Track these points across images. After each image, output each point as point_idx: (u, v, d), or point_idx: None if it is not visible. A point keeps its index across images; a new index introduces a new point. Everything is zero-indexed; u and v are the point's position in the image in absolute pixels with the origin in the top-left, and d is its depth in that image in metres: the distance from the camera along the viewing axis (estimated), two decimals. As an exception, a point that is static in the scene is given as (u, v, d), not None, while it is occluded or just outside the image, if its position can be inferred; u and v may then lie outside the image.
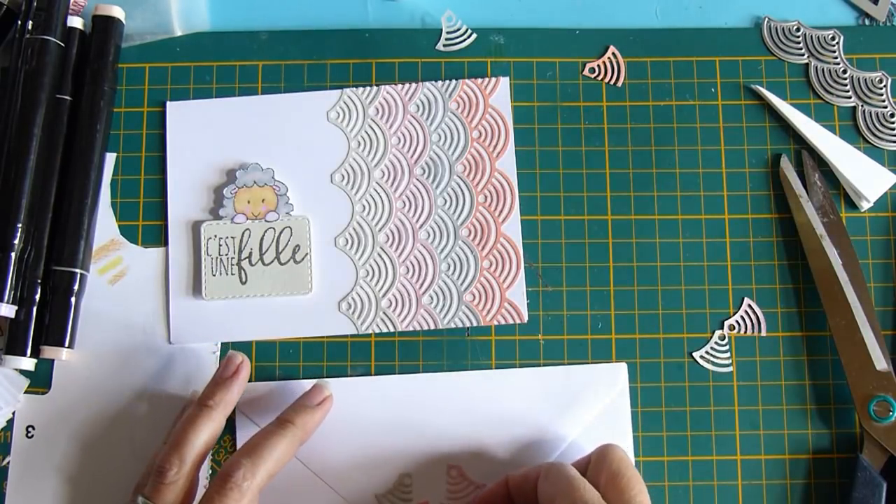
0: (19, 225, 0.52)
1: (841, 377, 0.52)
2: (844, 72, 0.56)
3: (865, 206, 0.54)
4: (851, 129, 0.55)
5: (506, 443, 0.51)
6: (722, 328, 0.53)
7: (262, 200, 0.54)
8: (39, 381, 0.53)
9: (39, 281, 0.52)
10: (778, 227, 0.54)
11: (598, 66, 0.56)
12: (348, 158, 0.55)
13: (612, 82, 0.56)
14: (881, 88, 0.55)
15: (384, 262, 0.54)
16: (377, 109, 0.55)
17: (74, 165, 0.53)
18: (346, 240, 0.54)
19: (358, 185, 0.55)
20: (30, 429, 0.52)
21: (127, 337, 0.53)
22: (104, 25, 0.55)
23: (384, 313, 0.53)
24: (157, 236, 0.54)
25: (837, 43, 0.56)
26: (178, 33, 0.56)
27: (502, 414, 0.52)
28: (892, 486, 0.50)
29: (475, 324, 0.53)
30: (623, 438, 0.52)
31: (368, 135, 0.55)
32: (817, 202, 0.54)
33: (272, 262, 0.53)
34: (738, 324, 0.53)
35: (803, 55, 0.56)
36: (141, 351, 0.53)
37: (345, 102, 0.55)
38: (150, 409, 0.52)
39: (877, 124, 0.55)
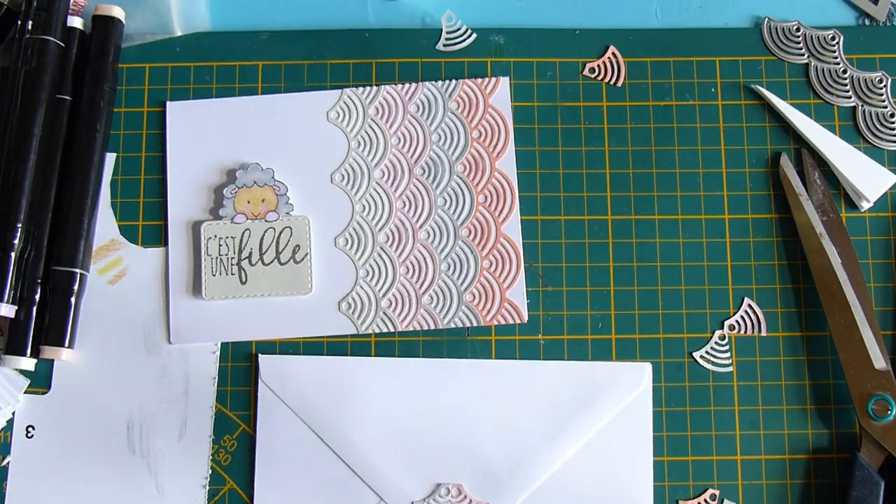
0: (19, 225, 0.52)
1: (840, 377, 0.52)
2: (844, 72, 0.56)
3: (865, 206, 0.54)
4: (851, 129, 0.55)
5: (527, 438, 0.51)
6: (722, 328, 0.53)
7: (262, 200, 0.54)
8: (39, 381, 0.53)
9: (39, 281, 0.52)
10: (778, 226, 0.54)
11: (598, 66, 0.56)
12: (348, 158, 0.55)
13: (612, 82, 0.56)
14: (881, 88, 0.55)
15: (384, 262, 0.54)
16: (377, 109, 0.55)
17: (74, 165, 0.53)
18: (346, 240, 0.54)
19: (358, 185, 0.55)
20: (30, 429, 0.52)
21: (127, 337, 0.53)
22: (104, 25, 0.55)
23: (384, 313, 0.53)
24: (157, 236, 0.54)
25: (837, 43, 0.56)
26: (178, 33, 0.56)
27: (524, 406, 0.52)
28: (890, 485, 0.50)
29: (475, 324, 0.53)
30: (643, 438, 0.52)
31: (368, 135, 0.55)
32: (817, 201, 0.54)
33: (272, 262, 0.53)
34: (738, 324, 0.53)
35: (803, 55, 0.56)
36: (141, 351, 0.53)
37: (345, 102, 0.55)
38: (149, 410, 0.52)
39: (877, 124, 0.55)
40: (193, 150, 0.55)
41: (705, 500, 0.52)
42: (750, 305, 0.53)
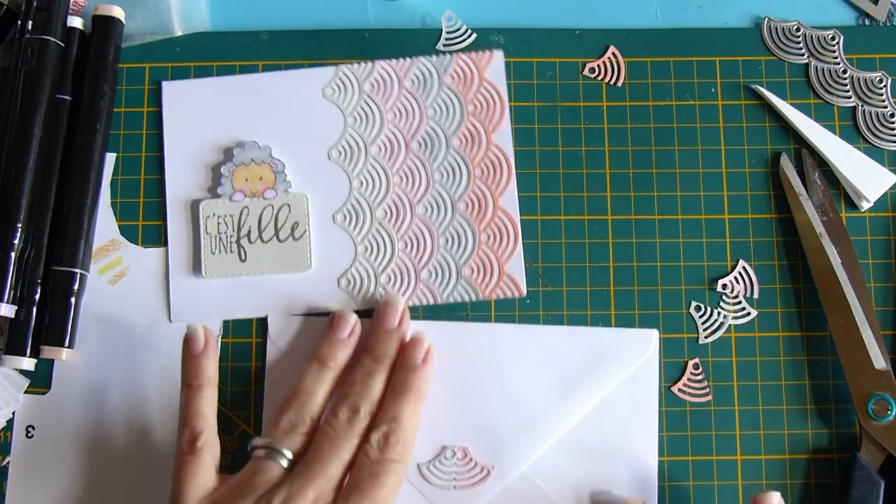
0: (19, 225, 0.52)
1: (840, 377, 0.52)
2: (844, 72, 0.56)
3: (865, 206, 0.54)
4: (851, 129, 0.55)
5: (533, 402, 0.51)
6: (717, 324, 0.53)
7: (260, 178, 0.54)
8: (39, 381, 0.53)
9: (39, 281, 0.52)
10: (778, 226, 0.54)
11: (598, 66, 0.56)
12: (345, 134, 0.55)
13: (612, 82, 0.56)
14: (881, 88, 0.55)
15: (382, 237, 0.54)
16: (372, 85, 0.55)
17: (74, 165, 0.53)
18: (345, 216, 0.54)
19: (355, 160, 0.55)
20: (30, 429, 0.52)
21: (127, 337, 0.53)
22: (104, 25, 0.55)
23: (384, 289, 0.53)
24: (157, 236, 0.54)
25: (837, 43, 0.56)
26: (178, 33, 0.56)
27: (531, 370, 0.52)
28: (890, 485, 0.50)
29: (474, 298, 0.53)
30: (649, 406, 0.52)
31: (364, 110, 0.55)
32: (817, 200, 0.54)
33: (271, 239, 0.53)
34: (730, 286, 0.53)
35: (803, 55, 0.56)
36: (140, 351, 0.53)
37: (340, 79, 0.55)
38: (149, 409, 0.52)
39: (877, 124, 0.55)
40: (190, 129, 0.55)
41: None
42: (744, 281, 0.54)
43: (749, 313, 0.53)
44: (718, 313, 0.53)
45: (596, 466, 0.51)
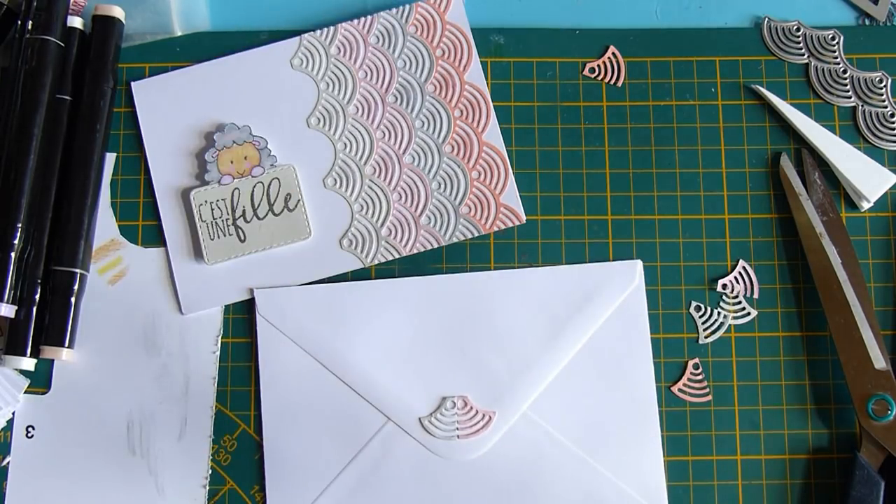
0: (19, 225, 0.52)
1: (841, 377, 0.52)
2: (844, 72, 0.56)
3: (865, 206, 0.54)
4: (851, 129, 0.55)
5: (527, 344, 0.52)
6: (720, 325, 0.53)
7: (245, 158, 0.54)
8: (39, 381, 0.53)
9: (39, 281, 0.52)
10: (778, 226, 0.54)
11: (598, 66, 0.56)
12: (320, 101, 0.55)
13: (612, 82, 0.56)
14: (881, 88, 0.55)
15: (375, 193, 0.54)
16: (339, 48, 0.55)
17: (74, 165, 0.53)
18: (335, 179, 0.54)
19: (335, 124, 0.55)
20: (30, 429, 0.52)
21: (127, 337, 0.53)
22: (104, 25, 0.55)
23: (386, 242, 0.54)
24: (156, 236, 0.54)
25: (837, 43, 0.56)
26: (178, 33, 0.56)
27: (522, 313, 0.52)
28: (890, 485, 0.50)
29: (476, 233, 0.54)
30: (640, 335, 0.52)
31: (335, 74, 0.55)
32: (817, 200, 0.54)
33: (266, 214, 0.54)
34: (729, 289, 0.53)
35: (803, 55, 0.56)
36: (141, 351, 0.53)
37: (305, 48, 0.55)
38: (149, 410, 0.52)
39: (877, 124, 0.55)
40: (167, 123, 0.55)
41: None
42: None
43: (749, 313, 0.53)
44: (718, 313, 0.53)
45: (595, 399, 0.52)
